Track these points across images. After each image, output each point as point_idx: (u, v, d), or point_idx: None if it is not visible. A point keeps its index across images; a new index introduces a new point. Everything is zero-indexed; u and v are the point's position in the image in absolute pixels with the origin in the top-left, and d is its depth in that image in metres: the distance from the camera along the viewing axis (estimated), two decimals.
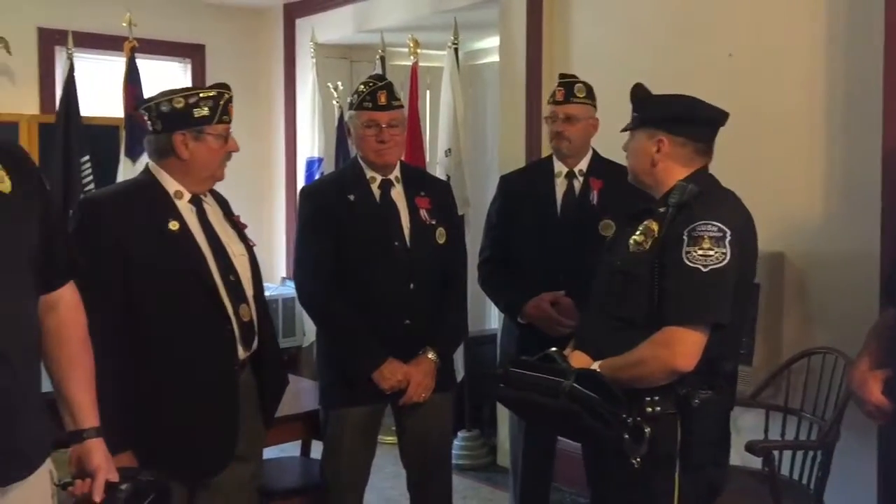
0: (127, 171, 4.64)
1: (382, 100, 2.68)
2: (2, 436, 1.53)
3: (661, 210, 2.04)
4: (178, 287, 2.16)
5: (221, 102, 2.22)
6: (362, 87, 2.73)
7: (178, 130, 2.18)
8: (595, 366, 2.01)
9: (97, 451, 1.72)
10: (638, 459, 1.92)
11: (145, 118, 2.25)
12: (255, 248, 2.42)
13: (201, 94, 2.20)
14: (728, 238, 1.93)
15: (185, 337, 2.17)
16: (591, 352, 2.08)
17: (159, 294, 2.15)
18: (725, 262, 1.91)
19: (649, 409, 1.95)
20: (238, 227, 2.38)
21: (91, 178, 4.58)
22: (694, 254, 1.92)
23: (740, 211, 2.06)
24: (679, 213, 1.99)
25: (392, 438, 3.59)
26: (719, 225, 1.94)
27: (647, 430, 1.91)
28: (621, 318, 2.05)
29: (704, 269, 1.91)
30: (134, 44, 4.73)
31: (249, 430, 2.31)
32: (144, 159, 4.65)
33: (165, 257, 2.15)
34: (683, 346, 1.92)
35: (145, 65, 4.90)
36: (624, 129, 2.19)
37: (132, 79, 4.72)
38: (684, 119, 2.09)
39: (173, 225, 2.18)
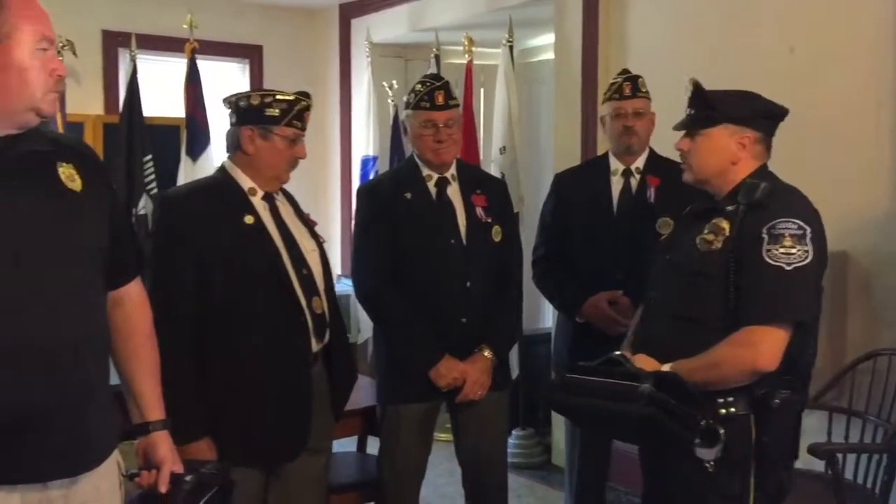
0: (188, 169, 4.74)
1: (440, 99, 2.69)
2: (75, 427, 1.57)
3: (730, 208, 2.01)
4: (254, 279, 2.23)
5: (296, 108, 2.29)
6: (419, 86, 2.74)
7: (247, 125, 2.27)
8: (665, 368, 1.96)
9: (163, 443, 1.77)
10: (711, 462, 1.89)
11: (228, 111, 2.35)
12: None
13: (277, 97, 2.28)
14: (809, 235, 1.90)
15: (261, 328, 2.22)
16: (656, 354, 2.02)
17: (236, 286, 2.21)
18: (808, 259, 1.89)
19: (723, 411, 1.92)
20: (308, 224, 2.45)
21: (153, 176, 4.69)
22: (775, 252, 1.89)
23: (812, 207, 2.02)
24: (752, 211, 1.96)
25: (446, 436, 3.60)
26: (799, 222, 1.91)
27: (721, 432, 1.88)
28: (691, 318, 2.01)
29: (788, 268, 1.88)
30: (195, 45, 4.82)
31: (320, 422, 2.36)
32: (205, 158, 4.86)
33: (241, 250, 2.22)
34: (767, 346, 1.89)
35: (205, 66, 4.99)
36: (696, 126, 2.09)
37: (192, 79, 4.83)
38: (766, 115, 2.07)
39: (248, 219, 2.25)
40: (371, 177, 5.02)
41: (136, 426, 1.79)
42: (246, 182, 2.30)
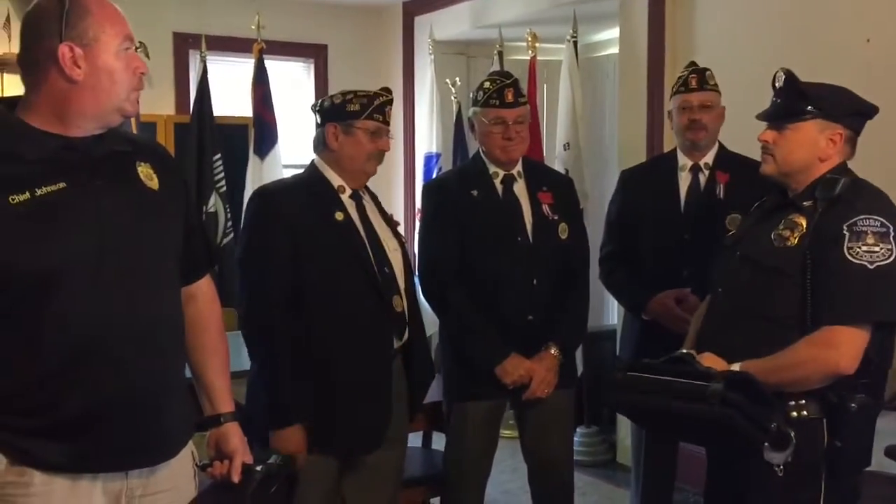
0: (255, 168, 4.83)
1: (509, 97, 2.69)
2: (154, 418, 1.62)
3: (807, 204, 1.95)
4: (343, 274, 2.29)
5: (376, 102, 2.35)
6: (488, 83, 2.73)
7: (330, 122, 2.34)
8: (735, 368, 1.91)
9: (234, 435, 1.81)
10: (781, 466, 1.86)
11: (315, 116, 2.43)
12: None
13: (358, 93, 2.35)
14: (892, 233, 1.85)
15: (347, 322, 2.28)
16: (723, 353, 1.97)
17: (326, 280, 2.27)
18: (892, 258, 1.83)
19: (794, 414, 1.88)
20: (392, 224, 2.50)
21: (223, 175, 4.78)
22: (858, 249, 1.84)
23: (893, 204, 1.95)
24: (831, 208, 1.90)
25: (511, 432, 3.60)
26: (882, 220, 1.86)
27: (792, 435, 1.84)
28: (766, 317, 1.96)
29: (871, 266, 1.83)
30: (262, 46, 4.90)
31: (397, 416, 2.40)
32: (272, 157, 4.94)
33: (332, 245, 2.29)
34: (848, 347, 1.84)
35: (272, 66, 5.07)
36: (786, 118, 2.03)
37: (260, 79, 4.91)
38: (858, 112, 2.02)
39: (339, 216, 2.32)
40: (434, 174, 5.03)
41: (207, 418, 1.83)
42: (336, 179, 2.36)
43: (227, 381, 1.87)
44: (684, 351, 1.98)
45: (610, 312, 5.03)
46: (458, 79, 5.26)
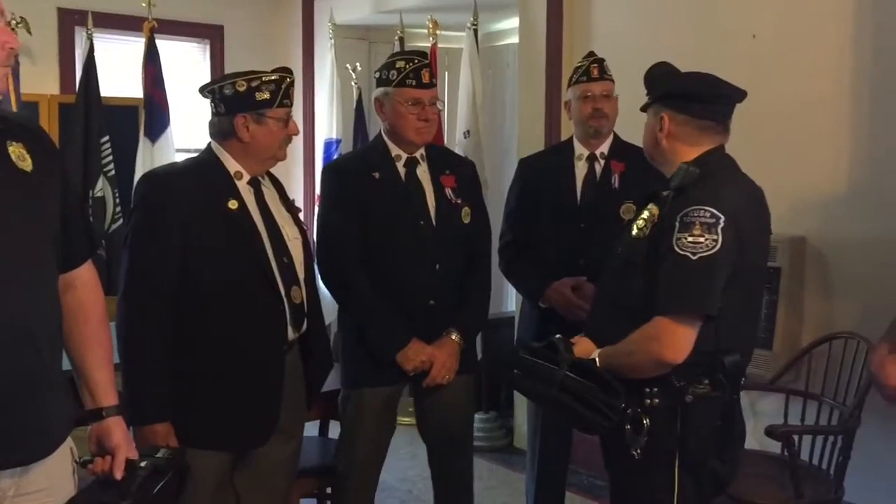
0: (146, 151, 4.67)
1: (426, 78, 2.64)
2: (26, 414, 1.54)
3: (665, 194, 1.97)
4: (234, 264, 2.20)
5: (283, 86, 2.25)
6: (403, 63, 2.65)
7: (239, 113, 2.22)
8: (595, 354, 1.97)
9: (117, 429, 1.74)
10: (638, 451, 1.89)
11: (209, 101, 2.30)
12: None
13: (263, 78, 2.23)
14: (721, 224, 1.83)
15: (237, 313, 2.20)
16: (597, 339, 2.03)
17: (215, 270, 2.18)
18: (716, 249, 1.82)
19: (648, 402, 1.91)
20: (293, 211, 2.42)
21: (111, 158, 4.61)
22: (684, 240, 1.83)
23: (742, 195, 1.96)
24: (677, 198, 1.92)
25: (408, 419, 3.59)
26: (712, 210, 1.84)
27: (646, 422, 1.88)
28: (623, 305, 2.00)
29: (693, 258, 1.82)
30: (153, 24, 4.74)
31: (293, 408, 2.35)
32: (164, 140, 4.78)
33: (223, 235, 2.19)
34: (672, 338, 1.84)
35: (164, 45, 4.91)
36: (644, 109, 2.13)
37: (151, 59, 4.75)
38: (687, 96, 2.01)
39: (232, 204, 2.22)
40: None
41: (88, 412, 1.75)
42: (233, 166, 2.26)
43: (109, 373, 1.78)
44: (558, 336, 2.01)
45: (509, 299, 5.08)
46: (358, 64, 5.21)
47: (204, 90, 2.31)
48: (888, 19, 2.97)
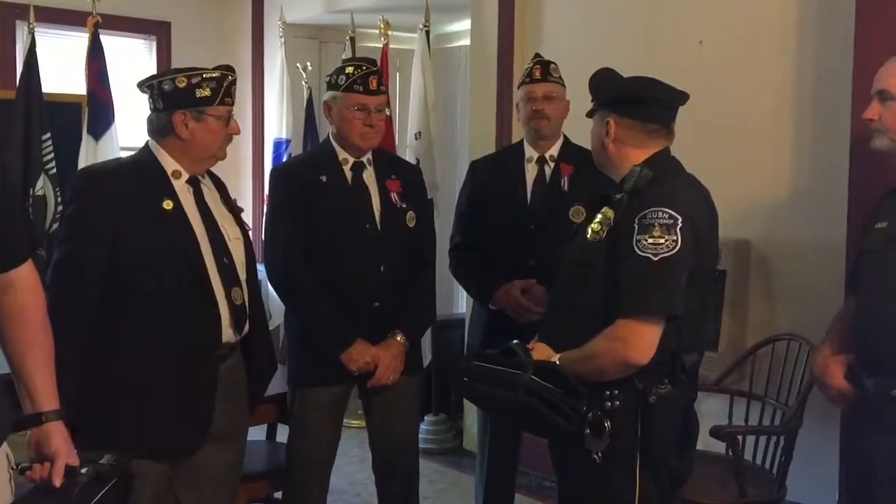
0: (89, 149, 4.55)
1: (374, 84, 2.68)
2: None
3: (618, 197, 1.99)
4: (166, 266, 2.15)
5: (225, 84, 2.21)
6: (351, 68, 2.69)
7: (178, 109, 2.18)
8: (555, 358, 1.97)
9: (57, 435, 1.69)
10: (599, 454, 1.90)
11: (147, 97, 2.25)
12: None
13: (204, 75, 2.19)
14: (679, 225, 1.86)
15: (168, 317, 2.15)
16: (554, 343, 2.03)
17: (147, 272, 2.13)
18: (676, 250, 1.84)
19: (608, 404, 1.92)
20: (234, 211, 2.38)
21: (52, 155, 4.47)
22: (644, 242, 1.85)
23: (694, 196, 1.99)
24: (632, 200, 1.94)
25: (359, 422, 3.58)
26: (670, 212, 1.87)
27: (607, 424, 1.89)
28: (580, 308, 2.00)
29: (655, 259, 1.84)
30: (97, 20, 4.62)
31: (234, 414, 2.30)
32: (108, 138, 4.67)
33: (156, 235, 2.14)
34: (637, 340, 1.86)
35: (109, 41, 4.80)
36: (587, 115, 2.16)
37: (95, 56, 4.62)
38: (630, 100, 2.04)
39: (167, 204, 2.17)
40: (284, 160, 4.92)
41: (27, 417, 1.70)
42: (170, 164, 2.22)
43: (49, 376, 1.73)
44: (515, 342, 2.02)
45: (459, 301, 5.09)
46: (309, 64, 5.16)
47: (142, 85, 2.26)
48: (830, 29, 3.04)
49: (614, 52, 3.52)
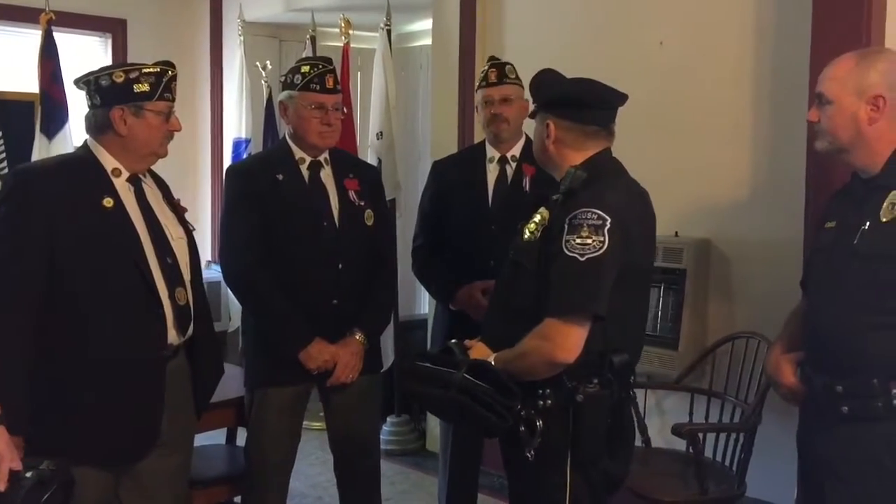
0: (42, 148, 4.46)
1: (330, 83, 2.68)
2: None
3: (554, 198, 2.00)
4: (107, 266, 2.09)
5: (164, 80, 2.17)
6: (307, 67, 2.69)
7: (116, 105, 2.13)
8: (491, 358, 1.98)
9: (0, 439, 1.63)
10: (532, 452, 1.91)
11: (84, 93, 2.19)
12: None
13: (143, 70, 2.15)
14: (608, 226, 1.86)
15: (111, 319, 2.09)
16: (493, 343, 2.04)
17: (87, 272, 2.07)
18: (603, 250, 1.85)
19: (541, 403, 1.93)
20: (178, 211, 2.33)
21: (4, 155, 4.38)
22: (573, 242, 1.86)
23: (626, 196, 2.00)
24: (566, 201, 1.95)
25: (320, 424, 3.54)
26: (599, 212, 1.88)
27: (539, 423, 1.90)
28: (516, 308, 2.01)
29: (582, 259, 1.85)
30: (50, 16, 4.52)
31: (179, 418, 2.25)
32: (61, 137, 4.57)
33: (96, 235, 2.09)
34: (563, 339, 1.87)
35: (63, 39, 4.70)
36: (530, 116, 2.16)
37: (48, 53, 4.52)
38: (568, 102, 2.04)
39: (107, 202, 2.12)
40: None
41: None
42: (110, 162, 2.16)
43: None
44: (453, 341, 2.04)
45: (422, 302, 5.07)
46: (269, 62, 5.11)
47: (79, 82, 2.21)
48: (788, 30, 3.07)
49: (576, 52, 3.53)
